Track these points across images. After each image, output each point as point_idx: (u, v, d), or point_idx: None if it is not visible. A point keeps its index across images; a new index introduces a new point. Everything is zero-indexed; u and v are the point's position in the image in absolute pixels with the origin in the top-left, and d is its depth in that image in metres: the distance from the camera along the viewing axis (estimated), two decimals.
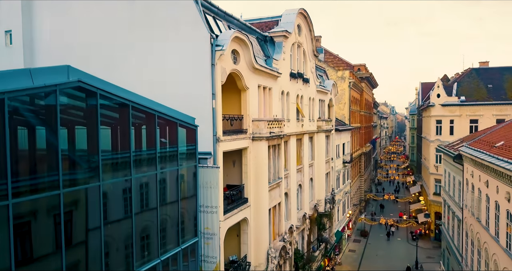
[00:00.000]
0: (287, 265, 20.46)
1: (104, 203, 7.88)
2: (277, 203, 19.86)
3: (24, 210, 6.40)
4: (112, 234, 8.35)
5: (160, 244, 9.62)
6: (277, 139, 19.18)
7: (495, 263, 17.70)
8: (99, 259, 7.77)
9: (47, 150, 6.89)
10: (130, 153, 8.75)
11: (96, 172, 7.70)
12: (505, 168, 15.31)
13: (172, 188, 10.48)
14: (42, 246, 6.70)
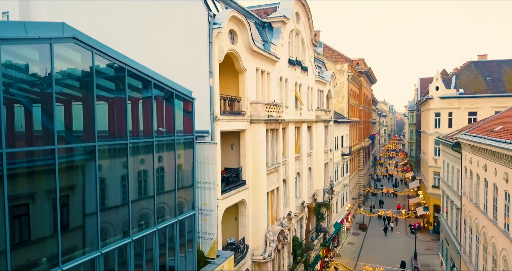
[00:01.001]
0: (285, 250, 20.40)
1: (100, 166, 7.82)
2: (275, 188, 19.81)
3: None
4: (109, 200, 8.30)
5: (156, 213, 9.56)
6: (275, 124, 19.13)
7: (494, 247, 17.69)
8: (95, 222, 7.72)
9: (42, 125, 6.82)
10: (126, 122, 8.68)
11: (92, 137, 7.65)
12: (503, 148, 15.30)
13: (169, 160, 10.42)
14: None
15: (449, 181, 30.22)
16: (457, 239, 26.75)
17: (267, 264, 17.58)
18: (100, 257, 7.71)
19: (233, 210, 17.69)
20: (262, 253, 17.53)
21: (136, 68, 8.70)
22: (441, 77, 42.35)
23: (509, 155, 14.82)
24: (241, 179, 16.94)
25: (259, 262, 17.51)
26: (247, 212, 17.24)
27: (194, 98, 11.21)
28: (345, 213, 41.41)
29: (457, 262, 26.39)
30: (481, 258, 20.16)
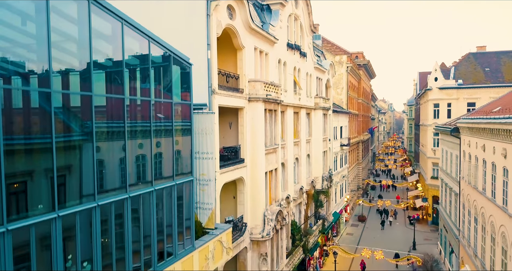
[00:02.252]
0: (284, 232, 20.38)
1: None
2: (274, 169, 19.78)
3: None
4: (105, 157, 8.27)
5: (154, 176, 9.52)
6: (274, 104, 19.10)
7: (492, 225, 17.69)
8: (92, 175, 7.69)
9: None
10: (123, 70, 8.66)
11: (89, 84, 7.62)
12: (501, 123, 15.30)
13: (166, 124, 10.36)
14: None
15: (448, 168, 30.24)
16: (456, 225, 26.75)
17: (265, 243, 17.56)
18: (97, 208, 7.68)
19: (231, 188, 17.68)
20: (260, 232, 17.51)
21: (132, 24, 8.65)
22: (440, 68, 42.35)
23: (508, 129, 14.81)
24: (239, 157, 16.91)
25: (257, 241, 17.48)
26: (245, 190, 17.21)
27: (192, 64, 11.18)
28: (344, 204, 41.41)
29: (456, 248, 26.39)
30: (479, 240, 20.16)
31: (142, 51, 9.47)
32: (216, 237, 12.43)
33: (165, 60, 10.26)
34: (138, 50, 9.50)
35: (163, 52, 10.00)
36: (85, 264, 7.52)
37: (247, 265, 17.25)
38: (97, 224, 7.72)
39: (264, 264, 17.60)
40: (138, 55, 9.62)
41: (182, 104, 11.10)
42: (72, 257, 7.22)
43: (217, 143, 13.38)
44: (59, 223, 6.82)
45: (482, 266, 19.47)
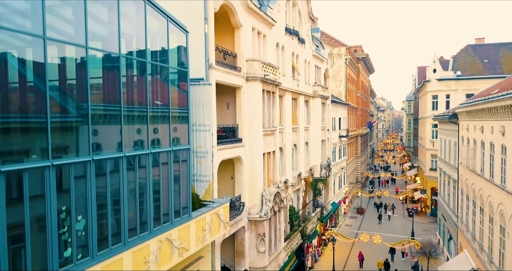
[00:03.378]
0: (282, 215, 20.31)
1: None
2: (272, 151, 19.71)
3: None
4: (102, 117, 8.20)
5: (150, 140, 9.44)
6: (272, 86, 19.04)
7: (490, 205, 17.67)
8: (87, 139, 7.61)
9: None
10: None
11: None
12: (499, 99, 15.27)
13: (163, 92, 10.30)
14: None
15: (446, 157, 30.23)
16: (454, 212, 26.74)
17: (263, 223, 17.50)
18: (91, 162, 7.60)
19: (229, 169, 17.62)
20: (258, 212, 17.44)
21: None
22: (438, 60, 42.34)
23: (506, 105, 14.77)
24: (237, 136, 16.84)
25: (255, 221, 17.42)
26: (243, 170, 17.14)
27: (188, 32, 11.10)
28: (342, 195, 41.38)
29: (454, 234, 26.38)
30: (477, 222, 20.13)
31: (138, 14, 9.39)
32: (213, 209, 12.36)
33: (161, 26, 10.18)
34: (134, 13, 9.42)
35: (160, 17, 9.92)
36: (80, 218, 7.45)
37: (245, 245, 17.19)
38: (92, 179, 7.65)
39: (262, 244, 17.55)
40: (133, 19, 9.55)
41: (178, 73, 11.02)
42: (66, 209, 7.14)
43: (214, 116, 13.30)
44: (52, 172, 6.75)
45: (480, 247, 19.45)
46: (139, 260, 8.97)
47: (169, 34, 10.66)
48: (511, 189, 14.81)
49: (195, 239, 11.40)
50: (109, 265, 8.07)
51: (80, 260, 7.47)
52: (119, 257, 8.33)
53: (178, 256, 10.55)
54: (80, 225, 7.47)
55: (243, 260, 17.23)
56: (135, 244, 8.87)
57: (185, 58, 10.99)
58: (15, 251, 6.46)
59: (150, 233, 9.49)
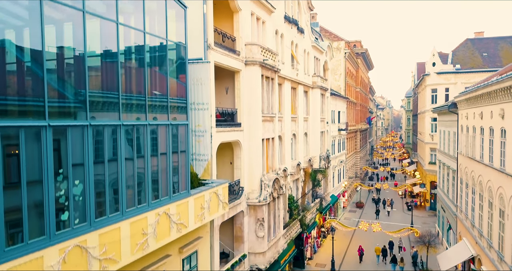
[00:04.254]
0: (281, 201, 20.25)
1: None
2: (271, 137, 19.66)
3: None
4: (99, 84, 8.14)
5: (148, 111, 9.39)
6: (271, 71, 18.98)
7: (490, 190, 17.64)
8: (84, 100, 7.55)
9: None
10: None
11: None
12: (498, 81, 15.24)
13: (161, 66, 10.24)
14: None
15: (446, 148, 30.21)
16: (453, 202, 26.73)
17: (262, 208, 17.44)
18: (89, 127, 7.55)
19: (228, 154, 17.57)
20: (257, 197, 17.39)
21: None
22: (437, 53, 42.32)
23: (505, 86, 14.74)
24: (236, 120, 16.79)
25: (254, 205, 17.37)
26: (242, 155, 17.09)
27: (187, 7, 11.05)
28: (342, 189, 41.35)
29: (453, 224, 26.36)
30: (477, 209, 20.11)
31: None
32: (212, 188, 12.31)
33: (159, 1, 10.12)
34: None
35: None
36: (77, 182, 7.39)
37: (244, 230, 17.13)
38: (89, 145, 7.59)
39: (261, 229, 17.50)
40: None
41: (176, 50, 10.96)
42: (63, 172, 7.08)
43: (213, 94, 13.22)
44: (49, 133, 6.69)
45: (479, 234, 19.42)
46: (137, 232, 8.91)
47: (167, 9, 10.62)
48: (510, 171, 14.78)
49: (193, 216, 11.35)
50: (107, 233, 8.01)
51: (78, 225, 7.41)
52: (117, 226, 8.28)
53: (177, 232, 10.50)
54: (77, 189, 7.41)
55: (242, 245, 17.18)
56: (133, 215, 8.82)
57: (183, 34, 10.92)
58: (12, 211, 6.40)
59: (148, 206, 9.44)
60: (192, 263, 12.92)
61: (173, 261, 11.71)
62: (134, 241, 8.81)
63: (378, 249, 27.91)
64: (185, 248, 12.14)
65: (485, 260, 18.23)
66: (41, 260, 6.54)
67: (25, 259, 6.25)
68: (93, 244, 7.61)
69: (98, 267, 7.71)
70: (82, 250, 7.36)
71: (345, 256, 29.85)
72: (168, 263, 11.43)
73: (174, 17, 11.05)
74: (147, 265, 10.48)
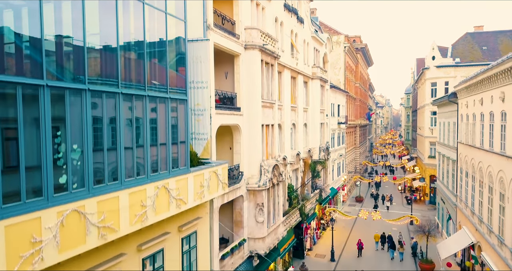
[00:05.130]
0: (280, 189, 20.19)
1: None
2: (271, 124, 19.58)
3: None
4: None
5: (147, 82, 9.32)
6: (271, 57, 18.92)
7: (490, 175, 17.60)
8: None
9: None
10: None
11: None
12: (498, 64, 15.20)
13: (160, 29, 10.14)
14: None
15: (445, 139, 30.18)
16: (453, 192, 26.69)
17: (261, 193, 17.38)
18: (87, 92, 7.48)
19: (228, 139, 17.51)
20: (257, 182, 17.32)
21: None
22: (437, 47, 42.28)
23: (506, 68, 14.69)
24: (235, 105, 16.72)
25: (254, 190, 17.30)
26: (241, 139, 17.02)
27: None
28: (341, 182, 41.33)
29: (453, 214, 26.32)
30: (477, 197, 20.07)
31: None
32: (212, 167, 12.24)
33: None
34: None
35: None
36: (75, 147, 7.33)
37: (243, 215, 17.07)
38: (88, 109, 7.52)
39: (260, 214, 17.43)
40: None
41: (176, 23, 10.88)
42: (61, 135, 7.02)
43: (212, 73, 13.13)
44: (47, 93, 6.62)
45: (479, 220, 19.39)
46: (136, 203, 8.84)
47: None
48: (511, 153, 14.74)
49: (193, 193, 11.28)
50: (106, 201, 7.94)
51: (76, 190, 7.35)
52: (115, 195, 8.20)
53: (176, 207, 10.43)
54: (75, 154, 7.34)
55: (241, 230, 17.11)
56: (132, 186, 8.75)
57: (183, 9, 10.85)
58: (9, 172, 6.34)
59: (147, 178, 9.38)
60: (192, 244, 12.85)
61: (172, 239, 11.64)
62: (133, 212, 8.74)
63: (377, 236, 28.05)
64: (184, 227, 12.07)
65: (485, 246, 18.19)
66: (39, 221, 6.47)
67: (23, 218, 6.18)
68: (91, 210, 7.54)
69: (96, 234, 7.65)
70: (80, 215, 7.29)
71: (344, 247, 29.81)
72: (168, 241, 11.37)
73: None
74: (146, 241, 10.41)
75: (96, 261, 8.66)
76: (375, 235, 28.35)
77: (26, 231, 6.26)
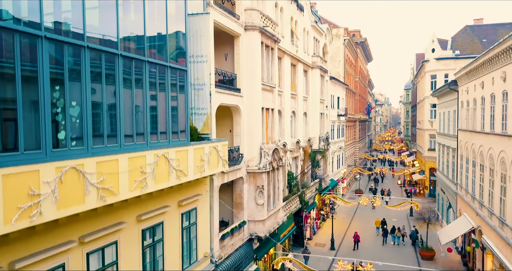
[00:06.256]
0: (280, 173, 20.10)
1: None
2: (271, 108, 19.49)
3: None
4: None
5: (147, 49, 9.23)
6: (271, 40, 18.82)
7: (491, 157, 17.54)
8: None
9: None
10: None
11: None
12: (500, 43, 15.14)
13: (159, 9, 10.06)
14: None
15: (445, 129, 30.14)
16: (453, 181, 26.64)
17: (261, 175, 17.29)
18: (86, 49, 7.38)
19: (227, 123, 17.41)
20: (257, 164, 17.24)
21: None
22: (437, 39, 42.25)
23: (507, 47, 14.62)
24: (235, 86, 16.62)
25: (253, 173, 17.21)
26: (241, 121, 16.92)
27: None
28: (341, 175, 41.28)
29: (453, 202, 26.28)
30: (477, 181, 20.02)
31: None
32: (212, 143, 12.15)
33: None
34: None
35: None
36: (74, 104, 7.23)
37: (243, 197, 16.98)
38: (87, 67, 7.42)
39: (260, 197, 17.34)
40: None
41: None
42: (59, 89, 6.92)
43: (212, 47, 13.00)
44: (45, 44, 6.52)
45: (480, 205, 19.33)
46: (136, 168, 8.73)
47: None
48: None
49: (193, 167, 11.18)
50: (105, 163, 7.83)
51: (75, 148, 7.25)
52: (114, 158, 8.09)
53: (176, 178, 10.33)
54: (74, 111, 7.24)
55: (241, 212, 17.03)
56: (131, 150, 8.65)
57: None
58: (7, 125, 6.24)
59: (147, 145, 9.29)
60: (191, 220, 12.75)
61: (172, 213, 11.54)
62: (133, 178, 8.64)
63: (378, 221, 28.34)
64: (184, 202, 11.97)
65: (486, 229, 18.14)
66: (37, 174, 6.36)
67: (21, 168, 6.07)
68: (90, 170, 7.43)
69: (95, 194, 7.54)
70: (79, 173, 7.18)
71: (344, 237, 29.75)
72: (168, 214, 11.27)
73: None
74: (146, 212, 10.31)
75: (96, 226, 8.57)
76: (376, 221, 28.73)
77: (24, 183, 6.15)
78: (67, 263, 7.84)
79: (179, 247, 11.99)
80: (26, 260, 6.89)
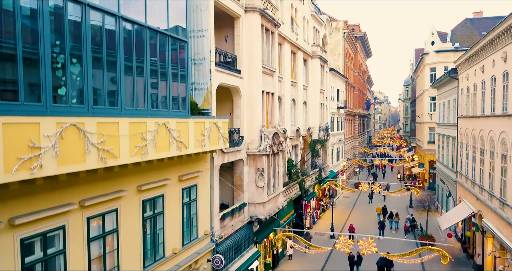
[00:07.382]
0: (280, 158, 20.06)
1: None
2: (271, 92, 19.45)
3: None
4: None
5: (147, 16, 9.17)
6: (271, 23, 18.77)
7: (491, 140, 17.52)
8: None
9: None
10: None
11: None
12: (500, 23, 15.11)
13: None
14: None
15: (445, 119, 30.14)
16: (453, 169, 26.64)
17: (262, 158, 17.24)
18: (87, 7, 7.32)
19: (227, 106, 17.35)
20: (257, 147, 17.19)
21: None
22: (437, 32, 42.24)
23: (508, 26, 14.59)
24: (235, 67, 16.56)
25: (254, 155, 17.16)
26: (242, 103, 16.87)
27: None
28: (340, 167, 41.27)
29: (453, 190, 26.28)
30: (477, 166, 20.00)
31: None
32: (212, 118, 12.09)
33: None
34: None
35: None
36: (75, 61, 7.17)
37: (244, 179, 16.94)
38: (87, 25, 7.36)
39: (260, 179, 17.30)
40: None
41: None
42: (60, 45, 6.86)
43: (212, 21, 12.93)
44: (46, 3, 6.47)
45: (480, 189, 19.32)
46: (136, 134, 8.66)
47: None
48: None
49: (194, 140, 11.12)
50: (105, 124, 7.76)
51: (75, 105, 7.20)
52: (115, 120, 8.03)
53: (177, 149, 10.27)
54: (75, 68, 7.19)
55: (242, 194, 16.98)
56: (132, 115, 8.61)
57: None
58: (7, 70, 6.19)
59: (147, 112, 9.24)
60: (192, 197, 12.71)
61: (172, 187, 11.49)
62: (133, 143, 8.58)
63: (379, 208, 28.64)
64: (184, 177, 11.92)
65: (486, 212, 18.13)
66: (37, 127, 6.29)
67: (22, 119, 6.01)
68: (91, 129, 7.36)
69: (96, 155, 7.48)
70: (79, 132, 7.12)
71: (344, 226, 29.73)
72: (168, 187, 11.23)
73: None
74: (147, 182, 10.26)
75: (96, 191, 8.52)
76: (377, 208, 28.99)
77: (25, 134, 6.09)
78: (67, 225, 7.79)
79: (179, 222, 11.94)
80: (26, 217, 6.84)
